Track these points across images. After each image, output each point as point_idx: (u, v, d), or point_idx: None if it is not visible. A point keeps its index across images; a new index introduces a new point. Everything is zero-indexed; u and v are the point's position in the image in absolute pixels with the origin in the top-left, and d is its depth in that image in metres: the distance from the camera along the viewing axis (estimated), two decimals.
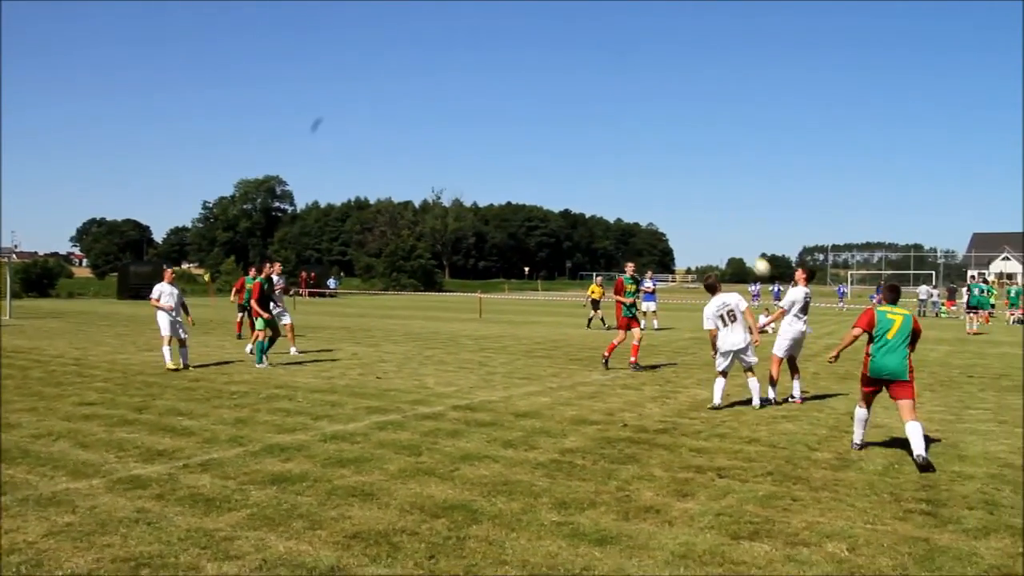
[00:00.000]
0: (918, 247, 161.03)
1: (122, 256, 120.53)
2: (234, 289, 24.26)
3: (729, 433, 10.17)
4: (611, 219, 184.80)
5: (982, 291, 35.92)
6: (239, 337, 22.51)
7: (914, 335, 9.11)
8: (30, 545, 5.75)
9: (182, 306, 16.26)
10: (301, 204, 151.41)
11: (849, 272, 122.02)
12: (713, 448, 9.29)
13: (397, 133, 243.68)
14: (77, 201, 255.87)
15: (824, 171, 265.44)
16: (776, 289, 60.00)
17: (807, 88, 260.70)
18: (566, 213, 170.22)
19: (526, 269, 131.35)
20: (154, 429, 9.90)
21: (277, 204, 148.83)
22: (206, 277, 58.47)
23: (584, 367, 17.16)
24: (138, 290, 55.60)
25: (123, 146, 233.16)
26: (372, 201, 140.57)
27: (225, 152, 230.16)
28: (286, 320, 19.08)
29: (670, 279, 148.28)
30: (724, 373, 12.19)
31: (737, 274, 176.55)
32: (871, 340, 9.16)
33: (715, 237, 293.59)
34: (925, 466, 8.36)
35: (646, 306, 29.21)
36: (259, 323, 16.70)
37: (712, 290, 12.40)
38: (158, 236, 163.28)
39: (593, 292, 30.50)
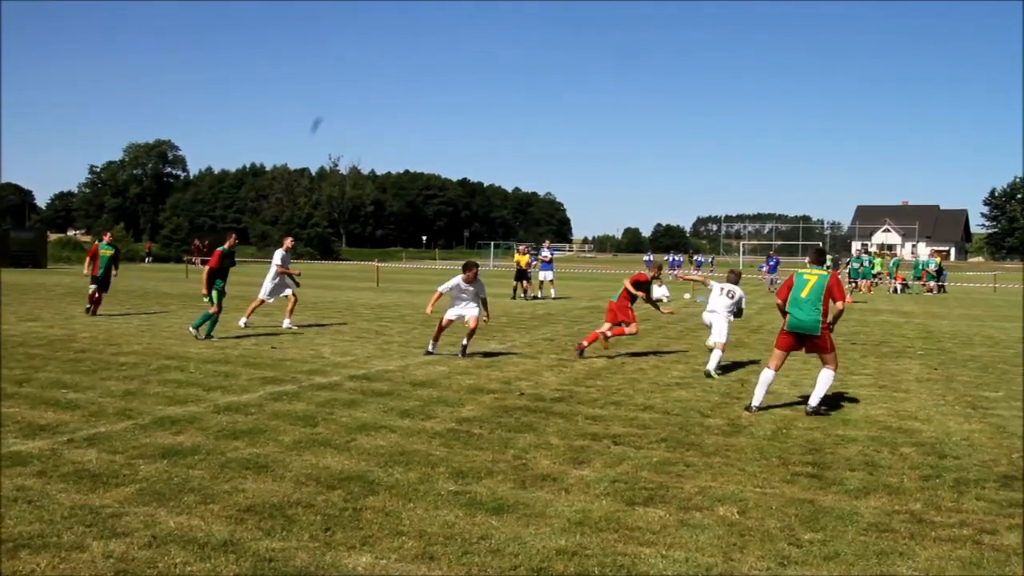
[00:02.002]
0: (806, 218, 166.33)
1: (2, 221, 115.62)
2: (87, 258, 21.02)
3: (624, 401, 10.32)
4: (509, 188, 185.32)
5: (863, 263, 37.52)
6: (89, 311, 20.14)
7: (829, 292, 9.84)
8: None
9: None
10: (194, 170, 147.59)
11: (741, 242, 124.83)
12: (608, 416, 9.40)
13: (294, 99, 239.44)
14: None
15: (718, 142, 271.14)
16: (673, 259, 61.11)
17: (701, 63, 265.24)
18: (464, 182, 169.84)
19: (424, 238, 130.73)
20: (36, 403, 9.52)
21: (169, 169, 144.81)
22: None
23: (481, 336, 17.14)
24: (19, 257, 53.42)
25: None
26: (268, 168, 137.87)
27: (113, 114, 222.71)
28: (287, 292, 18.31)
29: (567, 248, 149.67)
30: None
31: (632, 243, 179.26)
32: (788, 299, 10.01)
33: (611, 207, 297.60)
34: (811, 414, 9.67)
35: (543, 275, 29.38)
36: (213, 296, 15.85)
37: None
38: (41, 201, 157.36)
39: (519, 262, 29.68)
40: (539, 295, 29.40)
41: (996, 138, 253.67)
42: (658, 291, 14.76)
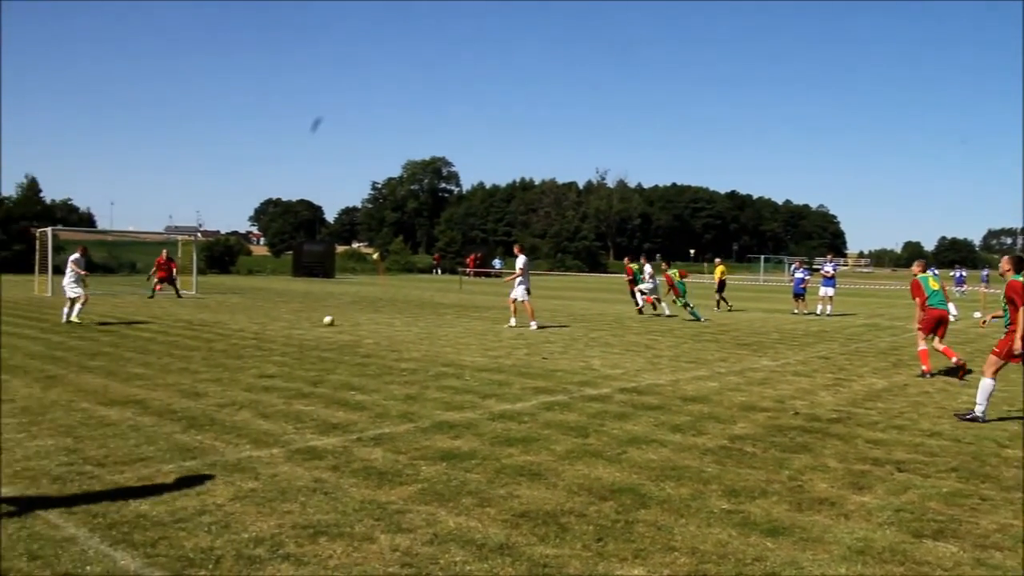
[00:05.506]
0: None
1: (296, 235, 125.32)
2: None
3: (908, 425, 9.72)
4: (779, 201, 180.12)
5: None
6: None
7: None
8: (219, 507, 6.06)
9: None
10: (467, 185, 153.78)
11: None
12: (891, 440, 8.90)
13: (561, 114, 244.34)
14: (256, 182, 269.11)
15: (1012, 147, 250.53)
16: (959, 275, 56.98)
17: (992, 65, 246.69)
18: (733, 195, 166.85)
19: (691, 251, 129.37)
20: (329, 402, 10.24)
21: (443, 185, 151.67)
22: (375, 256, 60.22)
23: (752, 352, 16.76)
24: (311, 268, 57.76)
25: (297, 130, 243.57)
26: (537, 182, 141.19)
27: (393, 134, 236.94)
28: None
29: (841, 263, 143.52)
30: None
31: (913, 258, 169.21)
32: None
33: (890, 219, 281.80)
34: None
35: (824, 291, 28.20)
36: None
37: None
38: (330, 216, 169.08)
39: (722, 273, 30.80)
40: (803, 311, 28.34)
41: None
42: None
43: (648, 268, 27.53)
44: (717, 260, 33.11)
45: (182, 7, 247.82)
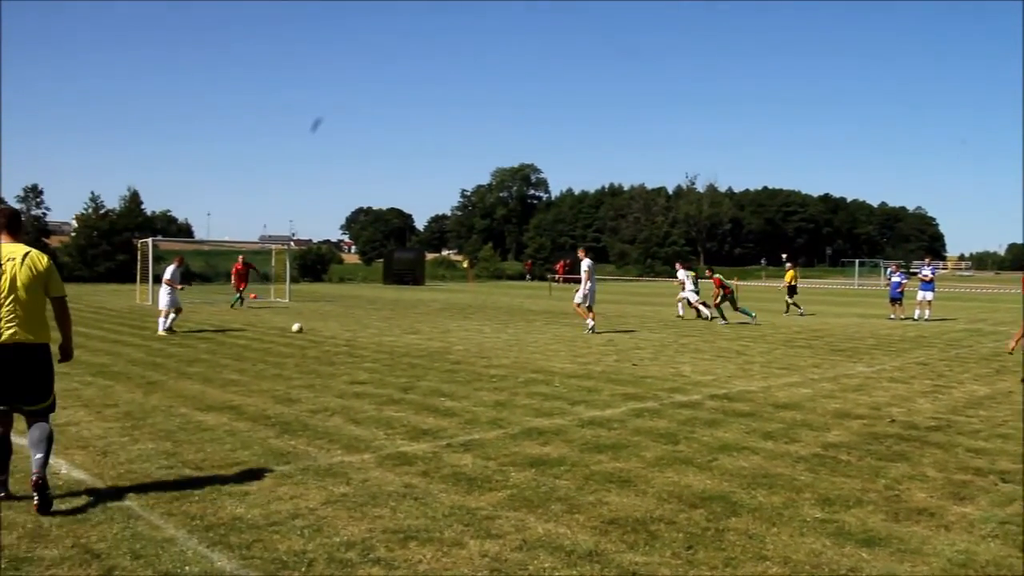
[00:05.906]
0: None
1: (387, 243, 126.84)
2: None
3: (1013, 434, 9.39)
4: (875, 203, 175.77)
5: None
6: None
7: None
8: (311, 511, 6.17)
9: None
10: (555, 191, 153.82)
11: None
12: (994, 449, 8.60)
13: (649, 117, 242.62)
14: (346, 192, 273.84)
15: None
16: None
17: None
18: (826, 198, 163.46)
19: (783, 256, 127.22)
20: (419, 409, 10.34)
21: (532, 192, 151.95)
22: (465, 264, 60.57)
23: (847, 358, 16.40)
24: (401, 276, 58.50)
25: (387, 140, 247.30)
26: (625, 187, 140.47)
27: (482, 142, 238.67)
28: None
29: (941, 266, 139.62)
30: None
31: (1018, 261, 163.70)
32: None
33: (993, 220, 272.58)
34: None
35: (922, 295, 27.54)
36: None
37: None
38: (419, 224, 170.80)
39: (793, 279, 30.75)
40: (900, 316, 27.74)
41: None
42: None
43: (682, 273, 27.57)
44: (788, 264, 33.06)
45: (283, 7, 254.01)
